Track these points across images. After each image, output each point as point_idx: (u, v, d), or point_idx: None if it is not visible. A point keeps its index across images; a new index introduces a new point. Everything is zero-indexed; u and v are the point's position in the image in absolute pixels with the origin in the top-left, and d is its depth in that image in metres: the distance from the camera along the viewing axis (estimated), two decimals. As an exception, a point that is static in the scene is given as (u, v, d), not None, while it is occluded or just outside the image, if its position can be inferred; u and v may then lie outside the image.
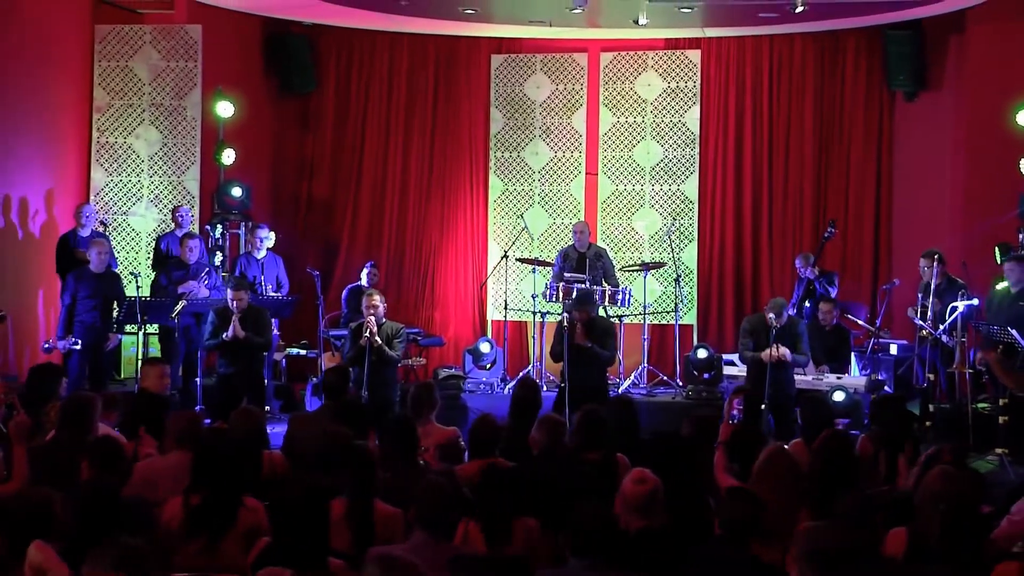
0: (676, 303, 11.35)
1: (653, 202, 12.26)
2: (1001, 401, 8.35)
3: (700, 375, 10.52)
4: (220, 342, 8.70)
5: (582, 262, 10.76)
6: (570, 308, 8.91)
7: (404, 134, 12.79)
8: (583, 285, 10.33)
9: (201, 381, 9.25)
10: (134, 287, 9.51)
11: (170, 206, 11.06)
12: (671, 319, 11.42)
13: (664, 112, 12.26)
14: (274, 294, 10.36)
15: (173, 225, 10.67)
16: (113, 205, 11.15)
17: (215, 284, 9.89)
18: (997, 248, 9.98)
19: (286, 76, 12.56)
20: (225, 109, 11.20)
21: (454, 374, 10.84)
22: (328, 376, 7.25)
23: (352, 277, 11.73)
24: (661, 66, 12.30)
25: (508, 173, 12.57)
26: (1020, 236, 10.16)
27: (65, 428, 5.45)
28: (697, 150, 12.23)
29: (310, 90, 12.73)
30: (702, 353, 10.59)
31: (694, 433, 5.75)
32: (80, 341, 9.01)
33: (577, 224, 11.21)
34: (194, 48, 11.18)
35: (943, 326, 9.02)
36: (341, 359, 9.03)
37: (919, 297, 9.41)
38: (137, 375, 9.47)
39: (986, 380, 8.97)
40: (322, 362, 10.33)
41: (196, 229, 10.77)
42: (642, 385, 10.86)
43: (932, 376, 9.22)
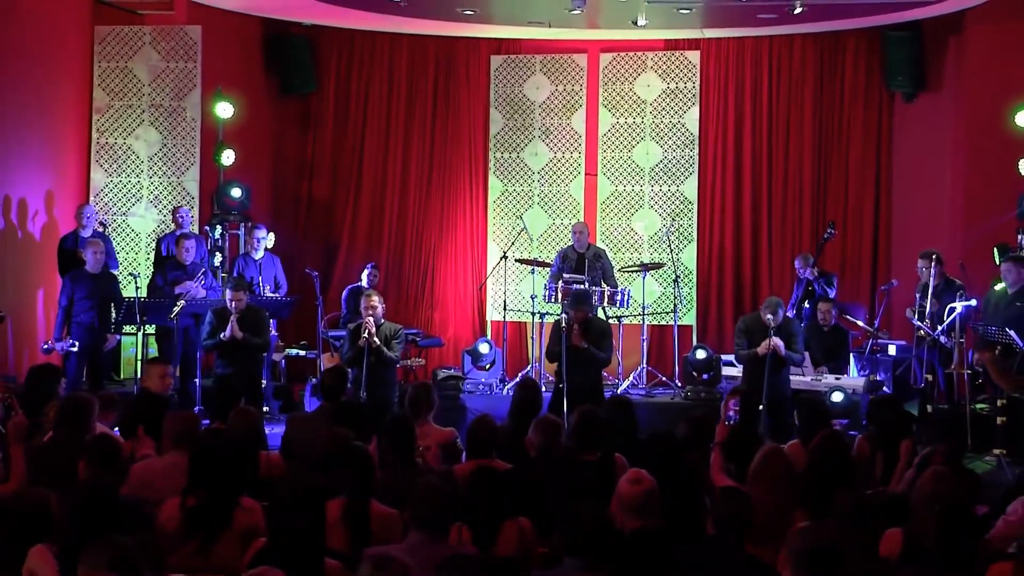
0: (675, 304, 11.36)
1: (652, 203, 12.27)
2: (999, 402, 8.34)
3: (699, 376, 10.54)
4: (218, 342, 8.71)
5: (581, 263, 10.77)
6: (566, 308, 8.93)
7: (404, 135, 12.81)
8: (582, 286, 10.33)
9: (200, 382, 9.25)
10: (133, 288, 9.52)
11: (170, 207, 11.08)
12: (670, 320, 11.42)
13: (663, 113, 12.27)
14: (272, 295, 10.37)
15: (174, 226, 10.67)
16: (113, 206, 11.16)
17: (211, 284, 9.91)
18: (996, 249, 9.98)
19: (286, 77, 12.57)
20: (224, 110, 11.21)
21: (453, 375, 10.84)
22: (326, 377, 7.26)
23: (352, 277, 11.73)
24: (660, 67, 12.31)
25: (507, 174, 12.58)
26: (1019, 237, 10.16)
27: (62, 428, 5.47)
28: (696, 151, 12.23)
29: (310, 91, 12.74)
30: (701, 354, 10.61)
31: (690, 434, 5.76)
32: (77, 342, 9.02)
33: (576, 225, 11.22)
34: (194, 49, 11.19)
35: (941, 327, 9.03)
36: (340, 360, 9.04)
37: (917, 298, 9.42)
38: (136, 375, 9.52)
39: (980, 381, 8.97)
40: (321, 363, 10.34)
41: (196, 230, 10.78)
42: (641, 386, 10.87)
43: (930, 377, 9.22)
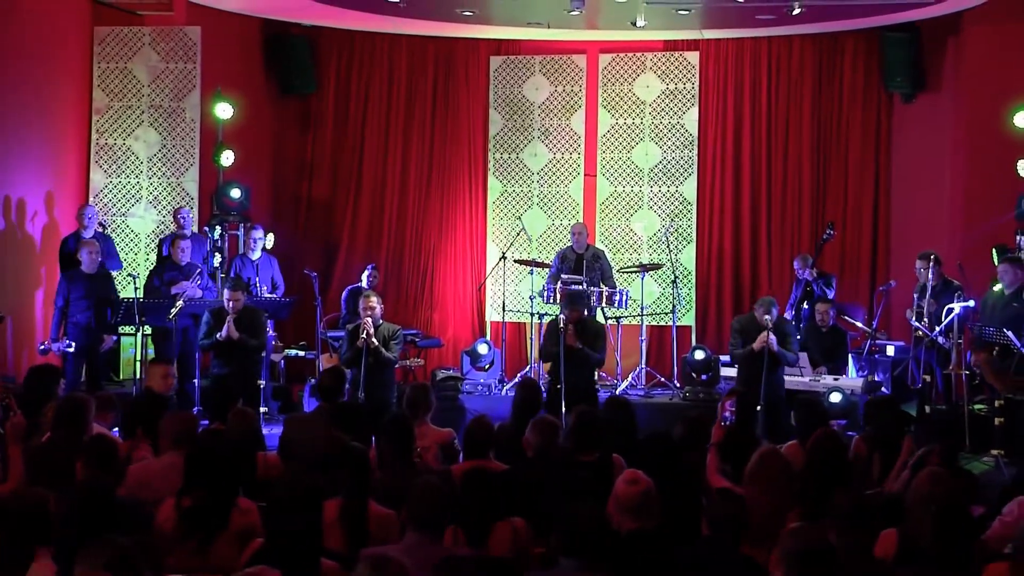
0: (673, 304, 11.36)
1: (652, 203, 12.27)
2: (997, 403, 8.35)
3: (698, 376, 10.54)
4: (214, 342, 8.74)
5: (580, 263, 10.77)
6: (562, 309, 8.95)
7: (403, 135, 12.82)
8: (581, 287, 10.34)
9: (199, 382, 9.26)
10: (132, 288, 9.53)
11: (169, 207, 11.09)
12: (669, 320, 11.43)
13: (662, 114, 12.28)
14: (269, 295, 10.38)
15: (175, 227, 10.68)
16: (112, 206, 11.17)
17: (207, 285, 9.93)
18: (995, 250, 9.99)
19: (286, 77, 12.58)
20: (224, 110, 11.21)
21: (452, 375, 10.85)
22: (324, 378, 7.28)
23: (352, 278, 11.74)
24: (659, 68, 12.32)
25: (507, 174, 12.59)
26: (1018, 238, 10.17)
27: (60, 429, 5.48)
28: (695, 151, 12.24)
29: (310, 91, 12.75)
30: (699, 354, 10.61)
31: (686, 435, 5.76)
32: (74, 343, 9.03)
33: (575, 226, 11.23)
34: (193, 50, 11.20)
35: (939, 328, 9.04)
36: (339, 361, 9.05)
37: (915, 298, 9.42)
38: (135, 376, 9.53)
39: (979, 382, 8.98)
40: (320, 363, 10.35)
41: (195, 230, 10.79)
42: (640, 386, 10.87)
43: (928, 378, 9.23)
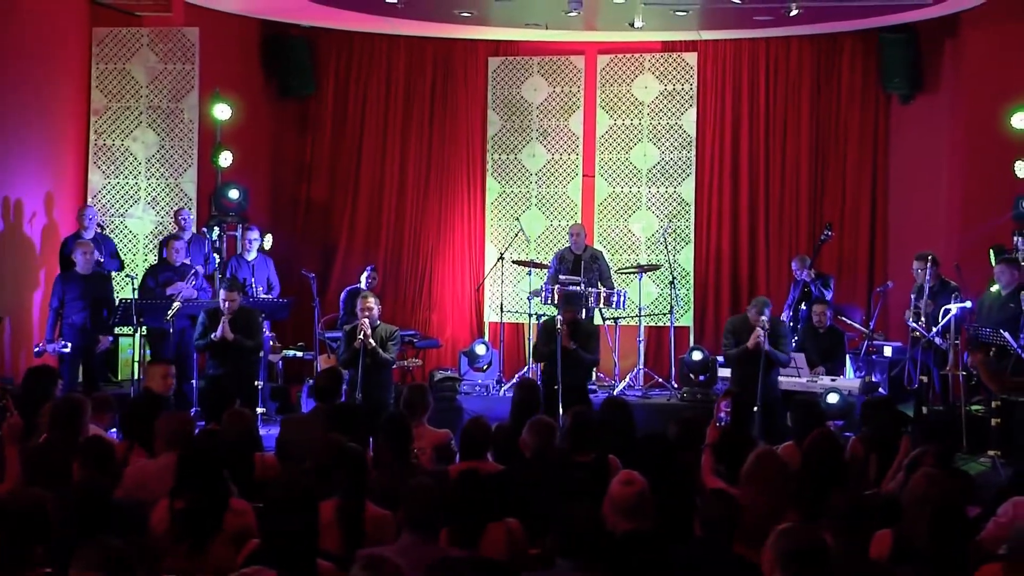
0: (671, 305, 11.37)
1: (650, 204, 12.28)
2: (994, 403, 8.36)
3: (695, 377, 10.56)
4: (209, 342, 8.75)
5: (578, 264, 10.78)
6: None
7: (402, 136, 12.83)
8: (579, 288, 10.36)
9: (197, 383, 9.27)
10: (130, 289, 9.53)
11: (167, 208, 11.10)
12: (667, 321, 11.44)
13: (661, 114, 12.29)
14: (265, 296, 10.39)
15: (176, 228, 10.68)
16: (110, 207, 11.17)
17: (201, 285, 9.95)
18: (992, 250, 10.00)
19: (284, 79, 12.59)
20: (222, 111, 11.22)
21: (450, 376, 10.86)
22: (320, 379, 7.28)
23: (350, 279, 11.75)
24: (657, 68, 12.33)
25: (505, 175, 12.60)
26: (1015, 239, 10.19)
27: (56, 430, 5.48)
28: (693, 152, 12.25)
29: (309, 93, 12.75)
30: (697, 355, 10.63)
31: (679, 435, 5.77)
32: (70, 344, 9.04)
33: (573, 227, 11.25)
34: (191, 51, 11.20)
35: (936, 328, 9.05)
36: (336, 361, 9.06)
37: (912, 299, 9.44)
38: (134, 376, 9.54)
39: (976, 383, 9.00)
40: (318, 364, 10.37)
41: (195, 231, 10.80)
42: (638, 387, 10.88)
43: (925, 378, 9.23)
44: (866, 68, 12.06)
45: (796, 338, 10.14)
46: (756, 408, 8.10)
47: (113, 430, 6.88)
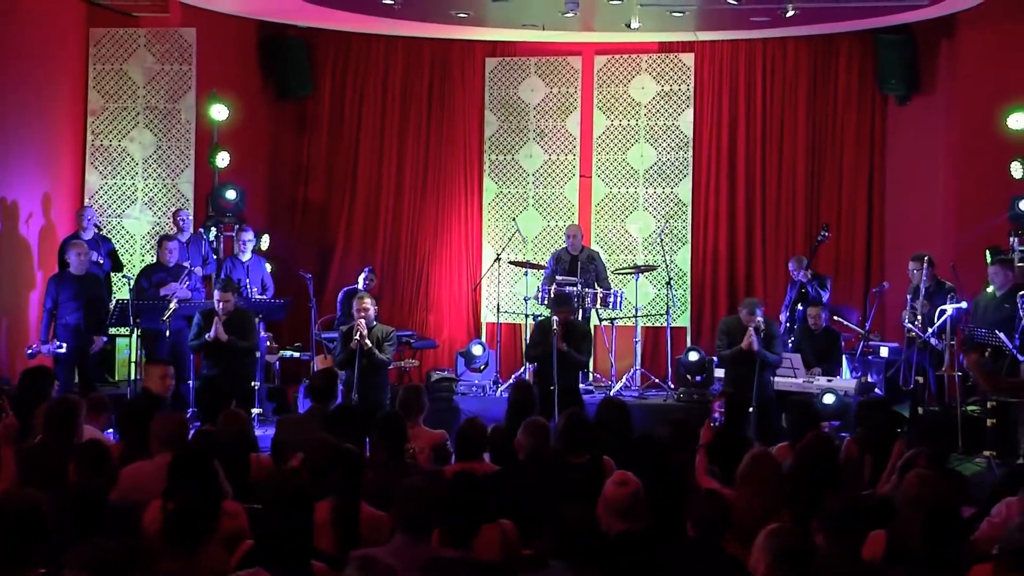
0: (668, 306, 11.38)
1: (647, 205, 12.29)
2: (989, 404, 8.38)
3: (692, 378, 10.57)
4: (203, 343, 8.76)
5: (574, 265, 10.79)
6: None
7: (399, 137, 12.83)
8: (575, 288, 10.37)
9: (193, 384, 9.27)
10: (127, 290, 9.54)
11: (164, 209, 11.11)
12: (664, 322, 11.45)
13: (658, 115, 12.30)
14: (259, 296, 10.40)
15: (175, 229, 10.69)
16: (107, 208, 11.18)
17: (195, 285, 9.96)
18: (988, 251, 10.01)
19: (282, 79, 12.58)
20: (219, 112, 11.22)
21: (447, 376, 10.87)
22: (315, 379, 7.29)
23: (347, 280, 11.75)
24: (654, 69, 12.34)
25: (502, 176, 12.60)
26: (1011, 239, 10.20)
27: (51, 431, 5.49)
28: (690, 153, 12.26)
29: (306, 93, 12.75)
30: (693, 356, 10.64)
31: (671, 436, 5.77)
32: (64, 344, 9.05)
33: (570, 227, 11.26)
34: (188, 51, 11.21)
35: (932, 329, 9.06)
36: (333, 362, 9.06)
37: (908, 300, 9.45)
38: (130, 377, 9.54)
39: (972, 383, 9.01)
40: (315, 365, 10.36)
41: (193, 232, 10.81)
42: (634, 387, 10.89)
43: (921, 379, 9.25)
44: (862, 69, 12.07)
45: (792, 339, 10.16)
46: (752, 409, 8.10)
47: (110, 430, 6.89)
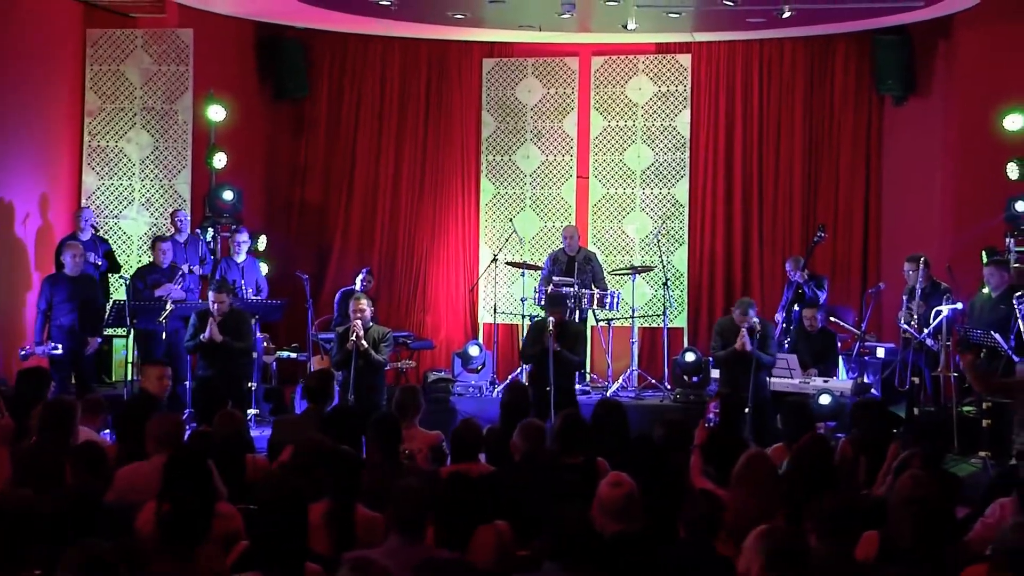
0: (665, 306, 11.39)
1: (644, 206, 12.30)
2: (985, 405, 8.39)
3: (689, 378, 10.57)
4: (198, 343, 8.76)
5: (571, 266, 10.81)
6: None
7: (396, 138, 12.83)
8: (572, 289, 10.38)
9: (190, 384, 9.27)
10: (123, 291, 9.54)
11: (161, 210, 11.11)
12: (661, 322, 11.46)
13: (655, 116, 12.31)
14: (254, 297, 10.40)
15: (172, 230, 10.69)
16: (104, 209, 11.18)
17: (190, 286, 9.96)
18: (984, 252, 10.02)
19: (279, 81, 12.58)
20: (216, 113, 11.22)
21: (444, 377, 10.88)
22: (310, 380, 7.29)
23: (344, 280, 11.74)
24: (652, 70, 12.35)
25: (499, 177, 12.61)
26: (1007, 240, 10.22)
27: (46, 432, 5.49)
28: (687, 154, 12.27)
29: (303, 94, 12.74)
30: (690, 356, 10.64)
31: (665, 437, 5.78)
32: (60, 346, 9.04)
33: (567, 228, 11.27)
34: (185, 52, 11.21)
35: (927, 330, 9.07)
36: (329, 363, 9.07)
37: (904, 301, 9.46)
38: (126, 378, 9.55)
39: (967, 384, 9.02)
40: (312, 365, 10.37)
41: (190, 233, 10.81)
42: (631, 388, 10.90)
43: (917, 380, 9.26)
44: (859, 70, 12.08)
45: (789, 339, 10.17)
46: (747, 409, 8.11)
47: (106, 431, 6.89)
